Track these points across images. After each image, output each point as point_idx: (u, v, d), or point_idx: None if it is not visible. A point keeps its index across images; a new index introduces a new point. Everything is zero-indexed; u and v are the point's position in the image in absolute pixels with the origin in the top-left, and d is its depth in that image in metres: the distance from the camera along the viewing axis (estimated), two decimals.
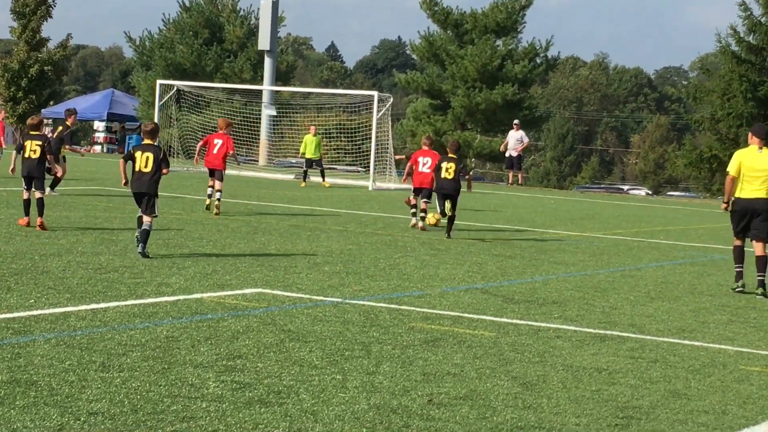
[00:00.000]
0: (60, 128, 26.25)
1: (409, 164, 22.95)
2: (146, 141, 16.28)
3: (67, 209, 21.62)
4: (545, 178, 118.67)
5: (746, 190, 15.95)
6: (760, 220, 15.93)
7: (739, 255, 16.20)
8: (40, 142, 18.34)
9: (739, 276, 16.16)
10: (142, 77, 66.57)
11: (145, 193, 15.95)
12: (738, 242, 16.23)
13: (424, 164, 22.42)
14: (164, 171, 16.06)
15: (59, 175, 24.25)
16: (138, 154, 16.02)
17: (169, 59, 64.70)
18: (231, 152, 23.88)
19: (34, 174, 18.30)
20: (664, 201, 51.62)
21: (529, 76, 63.92)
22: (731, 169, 16.11)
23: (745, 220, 16.03)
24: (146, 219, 15.81)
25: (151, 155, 15.92)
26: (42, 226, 17.72)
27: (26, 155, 18.37)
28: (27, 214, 18.19)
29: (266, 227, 20.76)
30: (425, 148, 22.88)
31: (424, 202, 22.39)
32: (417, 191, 22.64)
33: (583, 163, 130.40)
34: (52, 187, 24.17)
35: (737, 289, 16.03)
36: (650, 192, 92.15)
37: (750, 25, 56.71)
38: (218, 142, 23.82)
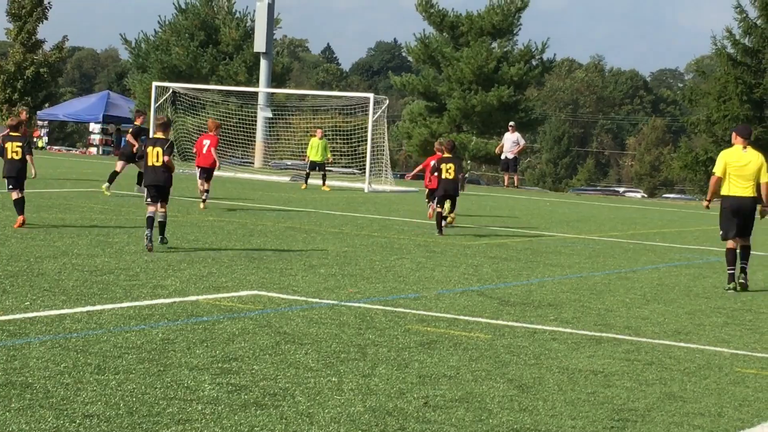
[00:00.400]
0: (131, 130, 28.47)
1: (421, 167, 24.01)
2: (158, 134, 17.10)
3: (63, 211, 21.61)
4: (541, 180, 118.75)
5: (734, 189, 16.24)
6: (746, 220, 16.33)
7: (732, 258, 16.40)
8: (20, 143, 18.73)
9: (731, 278, 16.38)
10: (137, 79, 66.54)
11: (160, 185, 16.73)
12: (731, 245, 16.41)
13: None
14: (165, 158, 16.65)
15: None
16: (149, 149, 16.83)
17: (165, 61, 64.69)
18: (213, 149, 25.49)
19: (17, 174, 18.57)
20: (660, 203, 51.67)
21: (524, 78, 63.93)
22: (717, 169, 16.42)
23: (737, 219, 16.27)
24: (160, 210, 16.63)
25: (160, 149, 16.72)
26: (21, 224, 18.04)
27: (8, 156, 18.73)
28: (21, 213, 18.32)
29: (262, 229, 20.75)
30: (439, 154, 23.16)
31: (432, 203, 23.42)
32: (431, 193, 23.64)
33: (579, 165, 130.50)
34: (140, 183, 26.34)
35: (729, 290, 16.23)
36: (645, 195, 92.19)
37: (745, 27, 56.84)
38: (206, 142, 25.48)
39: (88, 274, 13.52)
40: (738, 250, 16.37)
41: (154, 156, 16.72)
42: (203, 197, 24.86)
